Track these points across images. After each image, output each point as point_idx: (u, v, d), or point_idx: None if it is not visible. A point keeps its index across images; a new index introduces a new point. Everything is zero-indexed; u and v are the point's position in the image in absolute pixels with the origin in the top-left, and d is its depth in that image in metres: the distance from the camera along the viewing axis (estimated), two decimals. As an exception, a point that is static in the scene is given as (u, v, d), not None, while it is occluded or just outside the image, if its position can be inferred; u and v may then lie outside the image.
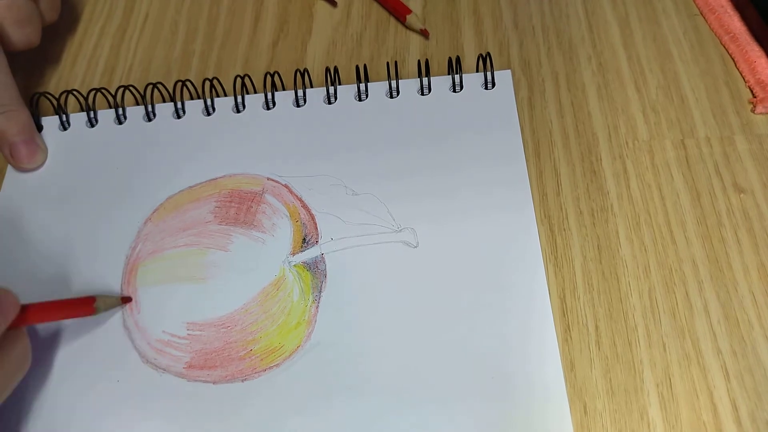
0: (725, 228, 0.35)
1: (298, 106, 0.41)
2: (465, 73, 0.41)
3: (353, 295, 0.34)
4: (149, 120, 0.42)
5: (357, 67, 0.41)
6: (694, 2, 0.44)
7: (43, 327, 0.35)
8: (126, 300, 0.35)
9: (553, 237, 0.36)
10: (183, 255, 0.37)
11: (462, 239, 0.35)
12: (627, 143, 0.38)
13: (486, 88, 0.40)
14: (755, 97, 0.39)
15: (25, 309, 0.31)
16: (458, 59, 0.40)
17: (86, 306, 0.34)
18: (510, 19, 0.44)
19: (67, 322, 0.35)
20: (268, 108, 0.41)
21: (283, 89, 0.42)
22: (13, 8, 0.39)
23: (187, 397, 0.33)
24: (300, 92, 0.41)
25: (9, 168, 0.41)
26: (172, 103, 0.42)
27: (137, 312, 0.35)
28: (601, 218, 0.36)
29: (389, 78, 0.40)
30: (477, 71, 0.41)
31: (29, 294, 0.36)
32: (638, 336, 0.33)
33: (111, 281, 0.36)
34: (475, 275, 0.34)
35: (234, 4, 0.48)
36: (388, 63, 0.42)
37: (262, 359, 0.33)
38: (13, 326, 0.30)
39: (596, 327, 0.33)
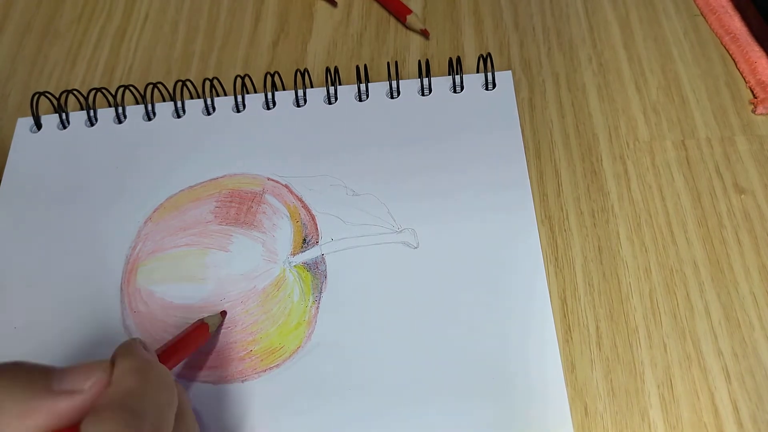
0: (726, 229, 0.35)
1: (298, 106, 0.41)
2: (465, 73, 0.41)
3: (353, 295, 0.34)
4: (149, 119, 0.41)
5: (357, 68, 0.41)
6: (695, 3, 0.44)
7: (41, 327, 0.35)
8: (224, 314, 0.35)
9: (553, 238, 0.36)
10: (183, 255, 0.37)
11: (462, 240, 0.35)
12: (628, 144, 0.38)
13: (486, 88, 0.40)
14: (756, 98, 0.39)
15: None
16: (459, 60, 0.40)
17: (203, 335, 0.33)
18: (510, 19, 0.44)
19: (64, 321, 0.35)
20: (269, 108, 0.41)
21: (284, 89, 0.42)
22: None
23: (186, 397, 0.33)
24: (300, 92, 0.41)
25: (7, 167, 0.41)
26: (172, 103, 0.42)
27: (137, 312, 0.35)
28: (602, 219, 0.36)
29: (390, 78, 0.40)
30: (477, 72, 0.41)
31: (28, 294, 0.36)
32: (639, 337, 0.32)
33: (111, 280, 0.36)
34: (476, 276, 0.34)
35: (234, 4, 0.48)
36: (388, 63, 0.42)
37: (261, 360, 0.33)
38: None
39: (597, 328, 0.33)
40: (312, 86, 0.42)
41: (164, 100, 0.42)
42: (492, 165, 0.37)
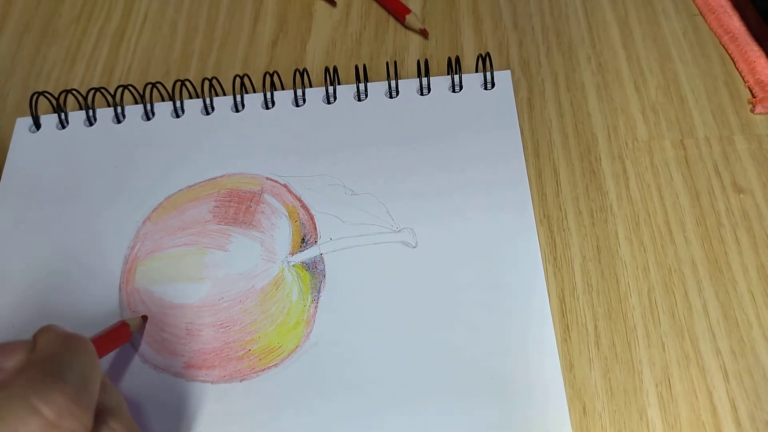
0: (724, 228, 0.35)
1: (297, 105, 0.41)
2: (464, 73, 0.41)
3: (352, 295, 0.34)
4: (148, 119, 0.41)
5: (356, 67, 0.41)
6: (694, 2, 0.44)
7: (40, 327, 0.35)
8: (145, 318, 0.35)
9: (552, 237, 0.36)
10: (182, 255, 0.37)
11: (461, 240, 0.35)
12: (626, 143, 0.38)
13: (485, 88, 0.40)
14: (754, 97, 0.39)
15: None
16: (458, 59, 0.40)
17: (125, 333, 0.33)
18: (509, 19, 0.44)
19: (63, 321, 0.35)
20: (268, 108, 0.41)
21: (283, 89, 0.42)
22: None
23: (185, 396, 0.33)
24: (299, 92, 0.41)
25: (6, 167, 0.41)
26: (171, 103, 0.42)
27: (136, 311, 0.35)
28: (601, 218, 0.36)
29: (389, 78, 0.40)
30: (476, 71, 0.41)
31: (27, 294, 0.36)
32: (637, 336, 0.32)
33: (110, 280, 0.36)
34: (474, 276, 0.34)
35: (233, 4, 0.48)
36: (387, 63, 0.42)
37: (260, 359, 0.33)
38: None
39: (595, 327, 0.33)
40: (311, 86, 0.42)
41: (163, 100, 0.42)
42: (491, 164, 0.37)
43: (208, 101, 0.42)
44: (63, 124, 0.42)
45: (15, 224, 0.39)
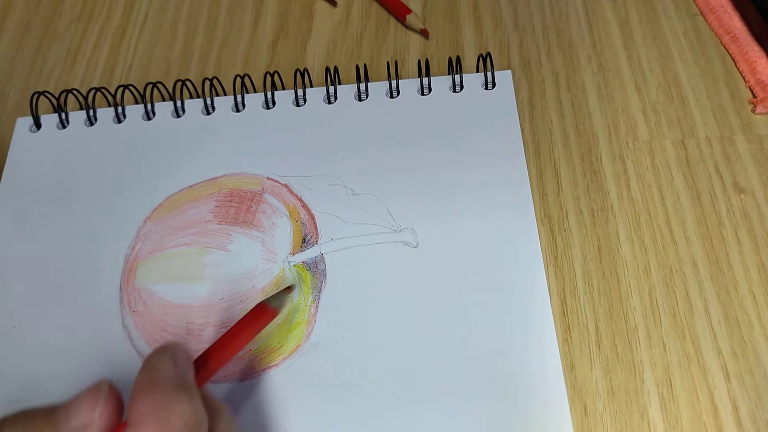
0: (725, 228, 0.35)
1: (298, 105, 0.41)
2: (465, 73, 0.41)
3: (353, 295, 0.34)
4: (149, 119, 0.41)
5: (357, 67, 0.41)
6: (694, 2, 0.44)
7: (41, 327, 0.35)
8: (290, 288, 0.34)
9: (553, 237, 0.36)
10: (182, 254, 0.37)
11: (462, 239, 0.35)
12: (627, 143, 0.38)
13: (486, 88, 0.40)
14: (755, 97, 0.39)
15: (205, 358, 0.28)
16: (458, 59, 0.40)
17: (267, 315, 0.31)
18: (510, 19, 0.44)
19: (64, 321, 0.35)
20: (268, 107, 0.41)
21: (283, 89, 0.42)
22: None
23: (186, 397, 0.33)
24: (300, 92, 0.41)
25: (7, 167, 0.41)
26: (172, 102, 0.42)
27: (136, 311, 0.35)
28: (602, 218, 0.36)
29: (389, 78, 0.40)
30: (477, 71, 0.41)
31: (28, 294, 0.36)
32: (638, 336, 0.32)
33: (110, 280, 0.36)
34: (475, 275, 0.34)
35: (234, 4, 0.48)
36: (388, 63, 0.42)
37: (261, 359, 0.33)
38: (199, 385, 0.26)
39: (596, 327, 0.33)
40: (311, 86, 0.42)
41: (164, 100, 0.42)
42: (491, 164, 0.37)
43: (208, 101, 0.42)
44: (63, 124, 0.42)
45: (15, 224, 0.38)
